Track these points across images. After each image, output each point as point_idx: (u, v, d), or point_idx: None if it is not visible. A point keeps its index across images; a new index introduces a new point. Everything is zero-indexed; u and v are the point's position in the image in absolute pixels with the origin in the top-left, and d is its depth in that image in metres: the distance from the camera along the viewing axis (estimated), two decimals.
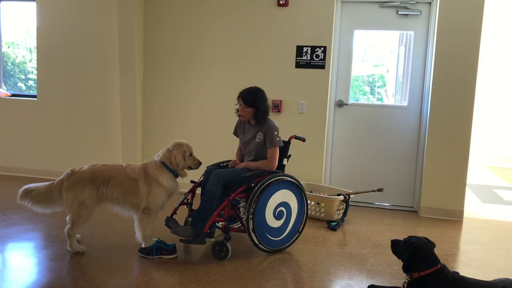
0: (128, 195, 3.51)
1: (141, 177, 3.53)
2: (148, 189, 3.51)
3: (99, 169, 3.55)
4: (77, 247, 3.56)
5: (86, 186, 3.47)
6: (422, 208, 5.12)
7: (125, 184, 3.51)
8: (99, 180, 3.50)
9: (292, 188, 3.81)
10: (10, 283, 3.04)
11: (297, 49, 5.27)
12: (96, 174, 3.51)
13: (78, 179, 3.49)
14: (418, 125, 5.27)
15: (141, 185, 3.51)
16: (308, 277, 3.32)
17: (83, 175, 3.50)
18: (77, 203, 3.46)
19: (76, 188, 3.46)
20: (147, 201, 3.51)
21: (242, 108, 3.85)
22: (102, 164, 3.62)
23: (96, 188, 3.48)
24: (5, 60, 6.53)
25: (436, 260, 2.88)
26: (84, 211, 3.48)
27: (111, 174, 3.53)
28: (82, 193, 3.46)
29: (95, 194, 3.48)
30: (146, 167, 3.59)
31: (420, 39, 5.17)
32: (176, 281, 3.16)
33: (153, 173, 3.54)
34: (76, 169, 3.57)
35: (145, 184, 3.51)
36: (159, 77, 5.67)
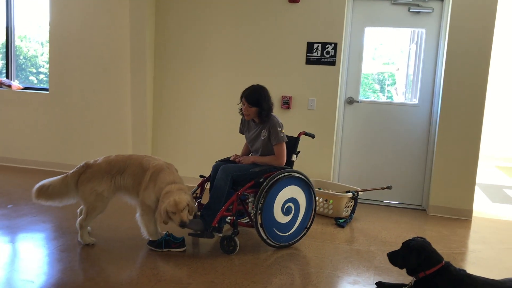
0: (136, 184, 3.54)
1: (151, 170, 3.52)
2: (148, 183, 3.49)
3: (115, 159, 3.59)
4: (87, 239, 3.60)
5: (104, 177, 3.51)
6: (430, 206, 5.10)
7: (137, 174, 3.54)
8: (115, 170, 3.54)
9: (301, 184, 3.82)
10: (21, 273, 3.08)
11: (308, 46, 5.27)
12: (112, 164, 3.55)
13: (95, 171, 3.52)
14: (428, 123, 5.25)
15: (146, 177, 3.51)
16: (316, 273, 3.33)
17: (100, 167, 3.54)
18: (94, 195, 3.49)
19: (94, 180, 3.50)
20: (142, 195, 3.51)
21: (246, 107, 3.83)
22: (116, 155, 3.65)
23: (112, 178, 3.53)
24: (17, 54, 6.58)
25: (439, 258, 2.88)
26: (100, 204, 3.52)
27: (126, 163, 3.57)
28: (100, 184, 3.49)
29: (112, 184, 3.53)
30: (166, 167, 3.56)
31: (432, 37, 5.14)
32: (184, 274, 3.18)
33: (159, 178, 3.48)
34: (91, 162, 3.60)
35: (148, 178, 3.50)
36: (169, 72, 5.70)
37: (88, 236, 3.63)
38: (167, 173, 3.51)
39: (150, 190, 3.48)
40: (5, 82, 6.30)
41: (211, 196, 3.67)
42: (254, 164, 3.82)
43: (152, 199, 3.49)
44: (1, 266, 3.16)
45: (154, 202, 3.50)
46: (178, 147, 5.78)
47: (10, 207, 4.43)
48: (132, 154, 3.69)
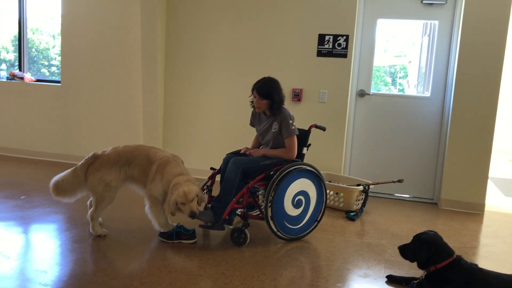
0: (143, 175, 3.55)
1: (157, 162, 3.53)
2: (154, 175, 3.50)
3: (123, 150, 3.62)
4: (99, 230, 3.63)
5: (112, 167, 3.54)
6: (442, 200, 5.07)
7: (143, 165, 3.55)
8: (123, 160, 3.57)
9: (311, 177, 3.81)
10: (34, 263, 3.12)
11: (319, 38, 5.24)
12: (121, 155, 3.58)
13: (104, 161, 3.55)
14: (440, 116, 5.20)
15: (152, 169, 3.52)
16: (326, 266, 3.33)
17: (109, 157, 3.56)
18: (102, 185, 3.51)
19: (103, 170, 3.52)
20: (149, 187, 3.53)
21: (257, 100, 3.82)
22: (124, 145, 3.67)
23: (121, 168, 3.55)
24: (29, 46, 6.63)
25: (450, 251, 2.86)
26: (108, 194, 3.54)
27: (134, 154, 3.59)
28: (109, 174, 3.52)
29: (120, 174, 3.55)
30: (173, 159, 3.56)
31: (445, 29, 5.08)
32: (195, 265, 3.20)
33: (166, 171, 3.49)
34: (99, 153, 3.62)
35: (155, 169, 3.51)
36: (180, 65, 5.70)
37: (100, 228, 3.66)
38: (174, 165, 3.52)
39: (157, 182, 3.49)
40: (17, 74, 6.35)
41: (222, 188, 3.68)
42: (264, 156, 3.82)
43: (158, 191, 3.51)
44: (15, 256, 3.20)
45: (160, 194, 3.52)
46: (189, 140, 5.79)
47: (23, 198, 4.48)
48: (140, 144, 3.71)
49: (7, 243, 3.42)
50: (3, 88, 6.36)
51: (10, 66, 6.75)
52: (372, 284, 3.08)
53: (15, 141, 6.40)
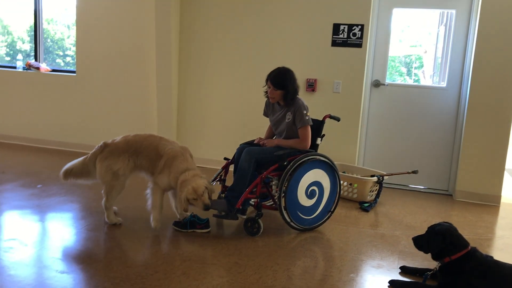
0: (151, 166, 3.58)
1: (165, 156, 3.53)
2: (162, 168, 3.52)
3: (132, 139, 3.63)
4: (114, 218, 3.67)
5: (120, 156, 3.55)
6: (457, 191, 5.02)
7: (152, 156, 3.57)
8: (132, 150, 3.58)
9: (325, 168, 3.80)
10: (50, 250, 3.16)
11: (334, 27, 5.19)
12: (130, 144, 3.59)
13: (112, 150, 3.57)
14: (457, 106, 5.14)
15: (161, 162, 3.53)
16: (339, 256, 3.33)
17: (118, 146, 3.59)
18: (110, 174, 3.54)
19: (111, 158, 3.54)
20: (157, 177, 3.56)
21: (271, 90, 3.80)
22: (134, 134, 3.68)
23: (129, 157, 3.57)
24: (44, 37, 6.67)
25: (465, 243, 2.84)
26: (117, 183, 3.57)
27: (143, 144, 3.60)
28: (116, 163, 3.53)
29: (128, 163, 3.56)
30: (180, 154, 3.56)
31: (462, 18, 5.00)
32: (209, 254, 3.22)
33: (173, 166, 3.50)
34: (109, 142, 3.65)
35: (163, 163, 3.52)
36: (194, 55, 5.69)
37: (115, 216, 3.70)
38: (181, 160, 3.52)
39: (164, 175, 3.51)
40: (33, 64, 6.41)
41: (236, 178, 3.69)
42: (278, 147, 3.81)
43: (164, 183, 3.54)
44: (32, 244, 3.25)
45: (165, 186, 3.56)
46: (202, 130, 5.80)
47: (39, 187, 4.54)
48: (151, 135, 3.70)
49: (24, 231, 3.47)
50: (20, 78, 6.43)
51: (26, 56, 6.81)
52: (385, 275, 3.07)
53: (31, 131, 6.47)
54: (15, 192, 4.39)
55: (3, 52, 6.97)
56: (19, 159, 5.72)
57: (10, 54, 6.96)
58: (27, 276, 2.77)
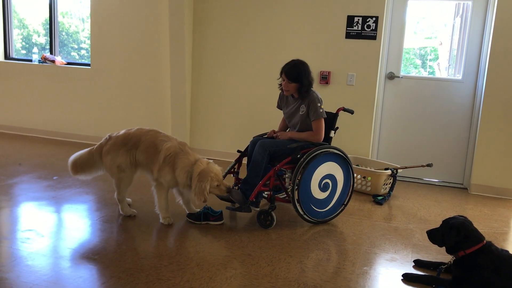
0: (148, 161, 3.54)
1: (164, 152, 3.47)
2: (162, 165, 3.47)
3: (133, 133, 3.62)
4: (128, 210, 3.72)
5: (120, 150, 3.56)
6: (472, 185, 4.98)
7: (149, 151, 3.53)
8: (131, 143, 3.57)
9: (339, 160, 3.79)
10: (66, 241, 3.21)
11: (348, 19, 5.15)
12: (129, 138, 3.59)
13: (113, 143, 3.59)
14: (472, 99, 5.08)
15: (159, 158, 3.48)
16: (353, 249, 3.33)
17: (117, 140, 3.60)
18: (115, 167, 3.57)
19: (113, 152, 3.57)
20: (158, 174, 3.51)
21: (285, 83, 3.79)
22: (138, 128, 3.68)
23: (128, 151, 3.56)
24: (59, 30, 6.72)
25: (480, 236, 2.82)
26: (123, 175, 3.59)
27: (142, 138, 3.57)
28: (118, 157, 3.56)
29: (128, 157, 3.56)
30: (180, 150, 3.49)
31: (479, 9, 4.93)
32: (222, 246, 3.24)
33: (175, 163, 3.45)
34: (113, 134, 3.67)
35: (162, 160, 3.47)
36: (208, 48, 5.70)
37: (129, 208, 3.74)
38: (184, 155, 3.47)
39: (167, 172, 3.46)
40: (49, 57, 6.47)
41: (249, 170, 3.69)
42: (291, 139, 3.81)
43: (167, 180, 3.50)
44: (48, 234, 3.29)
45: (169, 182, 3.52)
46: (216, 123, 5.82)
47: (55, 178, 4.60)
48: (152, 129, 3.65)
49: (41, 222, 3.52)
50: (35, 71, 6.50)
51: (42, 49, 6.87)
52: (399, 268, 3.06)
53: (47, 123, 6.55)
54: (31, 183, 4.45)
55: (19, 45, 7.04)
56: (35, 151, 5.80)
57: (26, 47, 7.03)
58: (44, 266, 2.81)
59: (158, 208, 3.62)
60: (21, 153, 5.63)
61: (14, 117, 6.69)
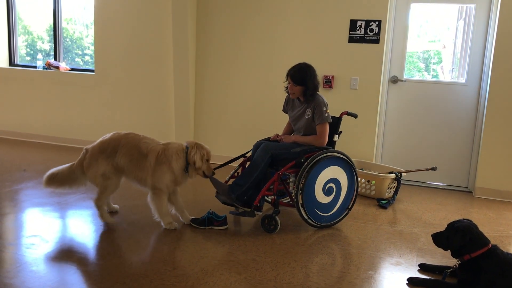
0: (133, 167, 3.45)
1: (153, 153, 3.43)
2: (155, 167, 3.41)
3: (109, 138, 3.54)
4: (107, 217, 3.63)
5: (99, 158, 3.47)
6: (477, 188, 4.96)
7: (133, 154, 3.45)
8: (109, 150, 3.48)
9: (343, 164, 3.78)
10: (71, 247, 3.21)
11: (351, 23, 5.16)
12: (106, 144, 3.50)
13: (90, 155, 3.50)
14: (476, 102, 5.07)
15: (149, 161, 3.41)
16: (357, 253, 3.32)
17: (94, 150, 3.51)
18: (99, 178, 3.49)
19: (92, 164, 3.48)
20: (153, 179, 3.43)
21: (291, 86, 3.82)
22: (114, 132, 3.60)
23: (107, 158, 3.47)
24: (64, 36, 6.76)
25: (486, 240, 2.80)
26: (109, 182, 3.51)
27: (121, 142, 3.48)
28: (98, 167, 3.46)
29: (109, 164, 3.46)
30: (166, 148, 3.47)
31: (482, 12, 4.93)
32: (226, 251, 3.24)
33: (170, 156, 3.43)
34: (89, 147, 3.58)
35: (154, 161, 3.40)
36: (211, 53, 5.71)
37: (108, 215, 3.66)
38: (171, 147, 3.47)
39: (163, 173, 3.41)
40: (53, 63, 6.51)
41: (245, 169, 3.70)
42: (295, 143, 3.81)
43: (165, 182, 3.44)
44: (53, 240, 3.30)
45: (167, 185, 3.46)
46: (220, 127, 5.82)
47: None
48: (130, 132, 3.58)
49: (45, 227, 3.53)
50: (40, 77, 6.53)
51: (46, 55, 6.91)
52: (404, 272, 3.05)
53: (51, 129, 6.57)
54: (36, 189, 4.46)
55: (24, 51, 7.08)
56: (39, 157, 5.82)
57: (30, 53, 7.07)
58: (49, 272, 2.81)
59: (158, 215, 3.55)
60: (25, 159, 5.65)
61: (19, 123, 6.72)
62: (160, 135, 5.97)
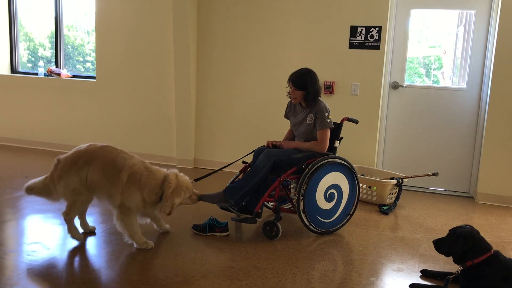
0: (105, 181, 3.18)
1: (127, 171, 3.15)
2: (126, 185, 3.14)
3: (84, 150, 3.27)
4: (76, 233, 3.38)
5: (71, 170, 3.19)
6: (479, 194, 4.95)
7: (106, 169, 3.18)
8: (82, 161, 3.21)
9: (344, 170, 3.78)
10: (72, 254, 3.21)
11: (351, 29, 5.17)
12: (80, 155, 3.24)
13: (62, 165, 3.23)
14: (477, 108, 5.07)
15: (121, 178, 3.15)
16: (359, 260, 3.31)
17: (67, 160, 3.24)
18: (70, 191, 3.23)
19: (64, 176, 3.21)
20: (122, 197, 3.16)
21: (292, 91, 3.84)
22: (90, 144, 3.33)
23: (79, 171, 3.19)
24: (65, 43, 6.78)
25: (488, 246, 2.80)
26: (79, 197, 3.26)
27: (96, 154, 3.23)
28: (69, 179, 3.19)
29: (79, 178, 3.19)
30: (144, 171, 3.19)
31: (482, 18, 4.94)
32: (227, 257, 3.23)
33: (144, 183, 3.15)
34: (61, 157, 3.31)
35: (126, 179, 3.14)
36: (212, 59, 5.73)
37: (77, 231, 3.40)
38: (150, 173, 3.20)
39: (134, 192, 3.15)
40: (54, 70, 6.52)
41: (246, 174, 3.70)
42: (296, 149, 3.81)
43: (135, 202, 3.17)
44: (54, 247, 3.29)
45: (138, 204, 3.19)
46: (221, 134, 5.83)
47: None
48: (106, 145, 3.31)
49: (47, 234, 3.53)
50: (41, 84, 6.55)
51: (47, 62, 6.93)
52: (406, 279, 3.04)
53: (53, 136, 6.58)
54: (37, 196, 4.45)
55: (25, 58, 7.11)
56: (41, 163, 5.82)
57: (32, 60, 7.10)
58: (50, 279, 2.81)
59: (129, 235, 3.27)
60: (27, 166, 5.65)
61: (21, 129, 6.73)
62: (161, 141, 6.02)
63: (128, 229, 3.25)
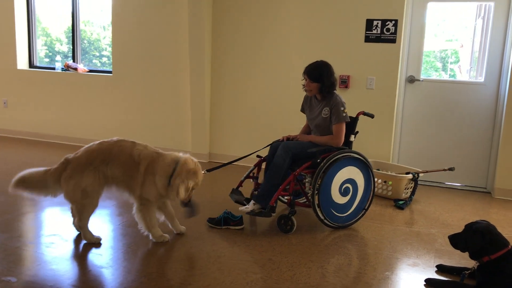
0: (126, 176, 3.20)
1: (144, 162, 3.17)
2: (145, 176, 3.17)
3: (96, 148, 3.22)
4: (92, 238, 3.30)
5: (85, 171, 3.14)
6: (496, 189, 4.89)
7: (127, 164, 3.18)
8: (98, 160, 3.17)
9: (359, 165, 3.77)
10: (89, 246, 3.24)
11: (367, 23, 5.13)
12: (94, 154, 3.18)
13: (75, 166, 3.16)
14: (495, 102, 5.00)
15: (140, 170, 3.17)
16: (374, 254, 3.30)
17: (80, 161, 3.17)
18: (79, 193, 3.15)
19: (75, 176, 3.14)
20: (141, 190, 3.20)
21: (308, 83, 3.83)
22: (100, 142, 3.28)
23: (96, 170, 3.16)
24: (81, 38, 6.84)
25: (505, 241, 2.77)
26: (88, 201, 3.19)
27: (112, 151, 3.20)
28: (82, 179, 3.13)
29: (97, 177, 3.16)
30: (158, 157, 3.20)
31: (501, 10, 4.86)
32: (242, 250, 3.25)
33: (156, 169, 3.16)
34: (70, 157, 3.25)
35: (143, 170, 3.16)
36: (228, 53, 5.74)
37: (92, 235, 3.31)
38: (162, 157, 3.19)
39: (151, 184, 3.16)
40: (71, 65, 6.59)
41: (269, 173, 3.69)
42: (311, 143, 3.81)
43: (153, 194, 3.20)
44: (72, 239, 3.35)
45: (156, 196, 3.21)
46: (235, 127, 5.84)
47: None
48: (120, 139, 3.28)
49: (65, 226, 3.58)
50: (58, 79, 6.63)
51: (64, 57, 7.01)
52: (421, 273, 3.03)
53: (70, 130, 6.66)
54: None
55: (43, 53, 7.19)
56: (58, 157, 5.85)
57: (49, 55, 7.18)
58: (67, 270, 2.86)
59: (146, 228, 3.30)
60: (44, 160, 5.73)
61: (38, 123, 6.83)
62: (176, 135, 6.05)
63: (146, 221, 3.28)
